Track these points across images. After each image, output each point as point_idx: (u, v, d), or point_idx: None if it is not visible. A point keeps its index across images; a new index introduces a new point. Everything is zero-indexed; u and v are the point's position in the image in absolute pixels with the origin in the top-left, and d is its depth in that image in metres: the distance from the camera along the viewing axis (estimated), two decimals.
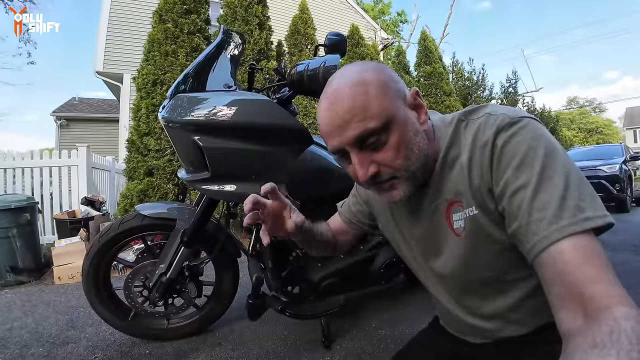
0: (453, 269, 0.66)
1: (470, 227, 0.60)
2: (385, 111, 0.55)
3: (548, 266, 0.46)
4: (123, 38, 7.90)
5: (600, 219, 0.46)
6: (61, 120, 12.08)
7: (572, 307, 0.43)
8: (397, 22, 24.20)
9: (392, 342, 1.57)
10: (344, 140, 0.56)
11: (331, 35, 1.32)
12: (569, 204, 0.46)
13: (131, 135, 3.97)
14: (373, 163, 0.58)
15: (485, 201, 0.56)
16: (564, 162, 0.50)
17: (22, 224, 2.88)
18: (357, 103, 0.54)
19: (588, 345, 0.37)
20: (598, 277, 0.42)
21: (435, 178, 0.63)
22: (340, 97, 0.56)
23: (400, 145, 0.56)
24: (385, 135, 0.55)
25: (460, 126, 0.62)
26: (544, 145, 0.51)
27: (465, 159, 0.58)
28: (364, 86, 0.55)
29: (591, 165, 6.06)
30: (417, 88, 0.58)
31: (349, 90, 0.55)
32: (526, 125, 0.53)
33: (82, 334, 1.79)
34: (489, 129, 0.55)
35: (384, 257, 1.62)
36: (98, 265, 1.55)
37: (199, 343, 1.64)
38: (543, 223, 0.46)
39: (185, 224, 1.50)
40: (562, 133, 15.45)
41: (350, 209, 0.90)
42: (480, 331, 0.69)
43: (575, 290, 0.42)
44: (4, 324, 1.99)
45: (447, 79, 8.60)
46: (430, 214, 0.66)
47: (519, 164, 0.51)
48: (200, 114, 1.25)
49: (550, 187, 0.48)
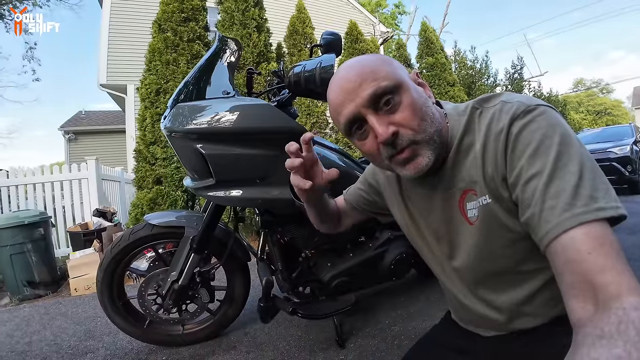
0: (467, 259, 0.66)
1: (483, 216, 0.60)
2: (395, 75, 0.57)
3: (559, 254, 0.45)
4: (124, 49, 7.98)
5: (613, 210, 0.45)
6: (69, 134, 12.24)
7: (582, 296, 0.42)
8: (396, 15, 24.05)
9: (406, 338, 1.57)
10: (358, 103, 0.57)
11: (326, 34, 1.32)
12: (583, 193, 0.46)
13: (138, 145, 4.02)
14: (391, 124, 0.57)
15: (499, 190, 0.56)
16: (579, 151, 0.50)
17: (37, 239, 2.93)
18: (367, 69, 0.57)
19: (596, 336, 0.37)
20: (609, 266, 0.41)
21: (449, 165, 0.63)
22: (348, 72, 0.59)
23: (415, 106, 0.57)
24: (399, 96, 0.57)
25: (474, 114, 0.61)
26: (560, 133, 0.51)
27: (479, 147, 0.58)
28: (372, 60, 0.59)
29: (601, 148, 5.95)
30: (416, 69, 0.59)
31: (357, 64, 0.59)
32: (542, 113, 0.53)
33: (100, 344, 1.82)
34: (504, 117, 0.55)
35: (393, 254, 1.62)
36: (111, 276, 1.58)
37: (214, 347, 1.66)
38: (556, 210, 0.46)
39: (194, 231, 1.52)
40: (570, 116, 15.23)
41: (357, 194, 0.91)
42: (494, 324, 0.69)
43: (586, 278, 0.42)
44: (24, 337, 2.03)
45: (450, 69, 8.52)
46: (444, 202, 0.66)
47: (533, 152, 0.50)
48: (200, 122, 1.26)
49: (565, 175, 0.47)
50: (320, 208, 0.85)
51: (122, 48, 8.00)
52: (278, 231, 1.53)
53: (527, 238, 0.54)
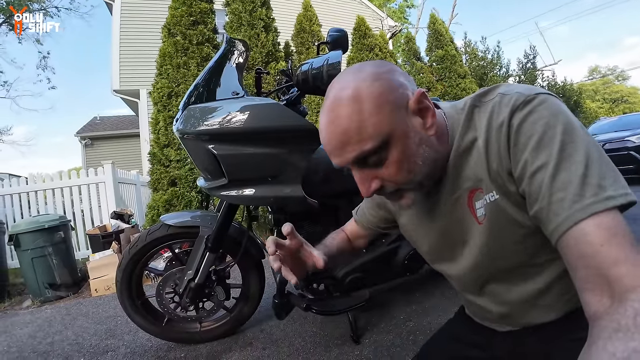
0: (478, 258, 0.64)
1: (491, 212, 0.58)
2: (383, 129, 0.53)
3: (572, 248, 0.44)
4: (135, 55, 8.12)
5: (622, 197, 0.44)
6: (85, 140, 12.53)
7: (597, 290, 0.42)
8: (404, 8, 23.81)
9: (421, 333, 1.56)
10: (343, 161, 0.56)
11: (332, 31, 1.33)
12: (591, 182, 0.45)
13: (152, 148, 4.10)
14: (376, 179, 0.58)
15: (505, 184, 0.55)
16: (584, 139, 0.48)
17: (57, 242, 3.02)
18: (352, 125, 0.52)
19: (612, 329, 0.37)
20: (623, 258, 0.41)
21: (451, 170, 0.61)
22: (335, 116, 0.54)
23: (402, 160, 0.55)
24: (385, 152, 0.55)
25: (473, 111, 0.60)
26: (562, 122, 0.49)
27: (481, 143, 0.57)
28: (359, 103, 0.52)
29: (619, 137, 5.77)
30: (422, 89, 0.56)
31: (343, 110, 0.53)
32: (542, 102, 0.51)
33: (121, 342, 1.87)
34: (504, 109, 0.54)
35: (406, 249, 1.61)
36: (130, 276, 1.62)
37: (231, 344, 1.69)
38: (565, 203, 0.45)
39: (209, 230, 1.54)
40: (586, 105, 14.84)
41: (366, 215, 0.90)
42: (508, 319, 0.68)
43: (600, 272, 0.41)
44: (46, 338, 2.10)
45: (461, 60, 8.43)
46: (452, 207, 0.64)
47: (537, 144, 0.49)
48: (212, 123, 1.28)
49: (571, 165, 0.46)
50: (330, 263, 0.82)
51: (133, 54, 8.14)
52: None
53: (538, 232, 0.53)
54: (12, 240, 2.85)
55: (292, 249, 0.68)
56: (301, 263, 0.73)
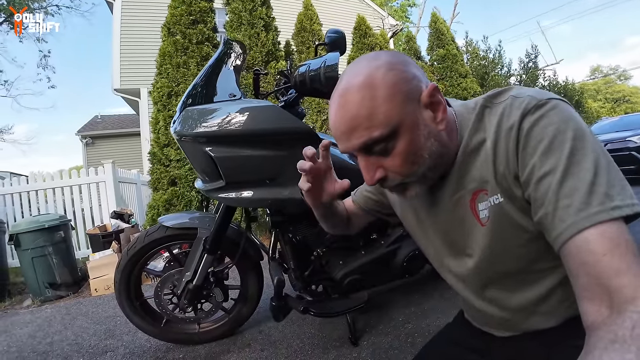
0: (479, 261, 0.64)
1: (495, 215, 0.58)
2: (393, 118, 0.53)
3: (574, 255, 0.44)
4: (136, 54, 8.11)
5: (629, 207, 0.44)
6: (86, 139, 12.54)
7: (596, 299, 0.41)
8: (405, 7, 23.75)
9: (420, 335, 1.56)
10: (349, 147, 0.56)
11: (330, 32, 1.32)
12: (598, 191, 0.44)
13: (152, 147, 4.09)
14: (380, 168, 0.57)
15: (511, 188, 0.54)
16: (593, 146, 0.48)
17: (57, 242, 3.03)
18: (363, 111, 0.52)
19: (609, 340, 0.37)
20: (624, 268, 0.40)
21: (457, 168, 0.61)
22: (346, 101, 0.54)
23: (408, 152, 0.55)
24: (393, 142, 0.54)
25: (484, 112, 0.59)
26: (573, 128, 0.49)
27: (490, 145, 0.56)
28: (372, 90, 0.52)
29: (620, 137, 5.74)
30: (435, 83, 0.56)
31: (355, 95, 0.53)
32: (554, 107, 0.51)
33: (120, 342, 1.88)
34: (515, 112, 0.53)
35: (405, 251, 1.61)
36: (128, 277, 1.62)
37: (229, 345, 1.69)
38: (571, 210, 0.45)
39: (207, 232, 1.54)
40: (588, 105, 14.78)
41: (365, 198, 0.90)
42: (507, 324, 0.68)
43: (600, 281, 0.41)
44: (45, 338, 2.10)
45: (462, 60, 8.40)
46: (453, 206, 0.64)
47: (546, 149, 0.49)
48: (209, 125, 1.28)
49: (579, 172, 0.46)
50: (328, 214, 0.85)
51: (134, 53, 8.14)
52: (289, 230, 1.54)
53: (541, 237, 0.53)
54: (13, 240, 2.86)
55: (322, 169, 0.69)
56: (321, 189, 0.74)
